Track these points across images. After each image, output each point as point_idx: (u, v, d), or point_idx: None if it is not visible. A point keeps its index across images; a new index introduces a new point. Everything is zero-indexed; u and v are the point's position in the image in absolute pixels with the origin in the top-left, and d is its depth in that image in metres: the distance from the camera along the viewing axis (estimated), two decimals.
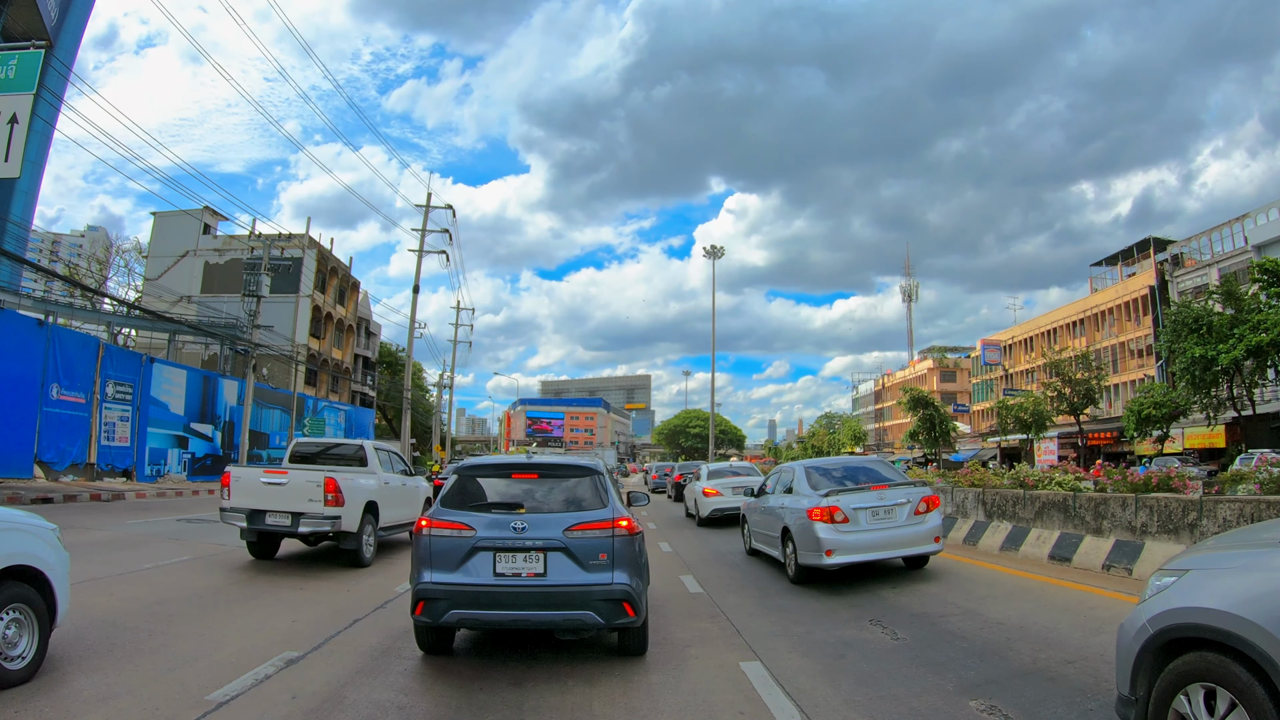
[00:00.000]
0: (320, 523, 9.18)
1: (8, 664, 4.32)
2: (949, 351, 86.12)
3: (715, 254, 53.43)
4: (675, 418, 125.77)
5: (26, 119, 13.02)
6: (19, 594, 4.43)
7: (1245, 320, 27.56)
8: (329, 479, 9.25)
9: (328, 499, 9.15)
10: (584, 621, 4.87)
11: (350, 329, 52.19)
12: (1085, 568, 8.65)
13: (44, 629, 4.62)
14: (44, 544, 4.74)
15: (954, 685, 4.61)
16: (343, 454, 11.35)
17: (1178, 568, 3.15)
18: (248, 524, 9.37)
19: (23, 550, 4.50)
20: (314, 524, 9.18)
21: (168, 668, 5.00)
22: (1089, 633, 5.70)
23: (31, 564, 4.54)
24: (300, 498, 9.20)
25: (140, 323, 32.49)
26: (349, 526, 9.37)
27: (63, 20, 26.21)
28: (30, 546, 4.61)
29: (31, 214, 25.81)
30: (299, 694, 4.51)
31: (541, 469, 5.53)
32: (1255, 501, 7.24)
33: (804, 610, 7.13)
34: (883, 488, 8.47)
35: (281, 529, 9.35)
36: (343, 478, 9.48)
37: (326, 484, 9.17)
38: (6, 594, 4.34)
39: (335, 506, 9.19)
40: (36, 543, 4.68)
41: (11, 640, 4.38)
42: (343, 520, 9.25)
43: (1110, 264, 54.56)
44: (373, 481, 10.36)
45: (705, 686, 4.76)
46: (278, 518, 9.27)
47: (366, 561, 9.72)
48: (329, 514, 9.18)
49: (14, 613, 4.43)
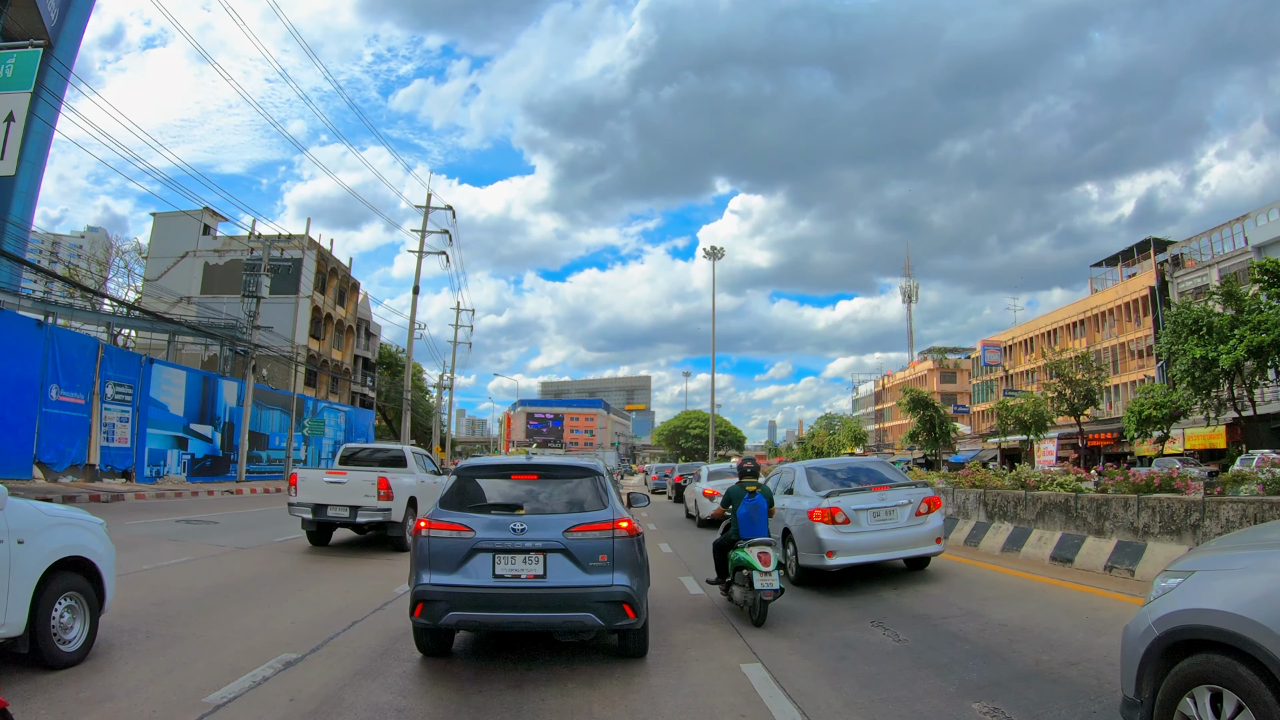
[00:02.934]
0: (374, 514, 10.86)
1: (63, 646, 4.84)
2: (949, 352, 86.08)
3: (715, 255, 53.46)
4: (675, 418, 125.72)
5: (23, 118, 13.00)
6: (73, 583, 4.93)
7: (1246, 321, 27.52)
8: (381, 478, 10.94)
9: (380, 494, 10.84)
10: (584, 623, 4.84)
11: (350, 330, 52.17)
12: (1087, 569, 8.62)
13: (94, 615, 5.14)
14: (94, 537, 5.27)
15: (956, 687, 4.58)
16: (386, 456, 12.92)
17: (1183, 569, 3.12)
18: (312, 515, 11.03)
19: (77, 543, 5.02)
20: (369, 515, 10.88)
21: (165, 669, 4.97)
22: (1092, 634, 5.67)
23: (84, 555, 5.05)
24: (357, 494, 10.90)
25: (140, 323, 32.46)
26: (396, 517, 10.95)
27: (63, 21, 26.18)
28: (83, 539, 5.13)
29: (31, 214, 25.76)
30: (297, 696, 4.48)
31: (541, 470, 5.49)
32: (1258, 502, 7.21)
33: (805, 611, 7.10)
34: (884, 488, 8.44)
35: (341, 520, 11.06)
36: (391, 476, 11.11)
37: (380, 482, 10.86)
38: (62, 583, 4.82)
39: (386, 501, 10.88)
40: (88, 536, 5.22)
41: (66, 625, 4.90)
42: (392, 512, 10.88)
43: (1110, 264, 54.53)
44: (412, 480, 11.90)
45: (706, 688, 4.73)
46: (338, 510, 10.96)
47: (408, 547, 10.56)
48: (381, 507, 10.85)
49: (69, 600, 4.92)
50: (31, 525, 4.73)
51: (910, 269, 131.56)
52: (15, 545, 4.51)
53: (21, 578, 4.52)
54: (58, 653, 4.78)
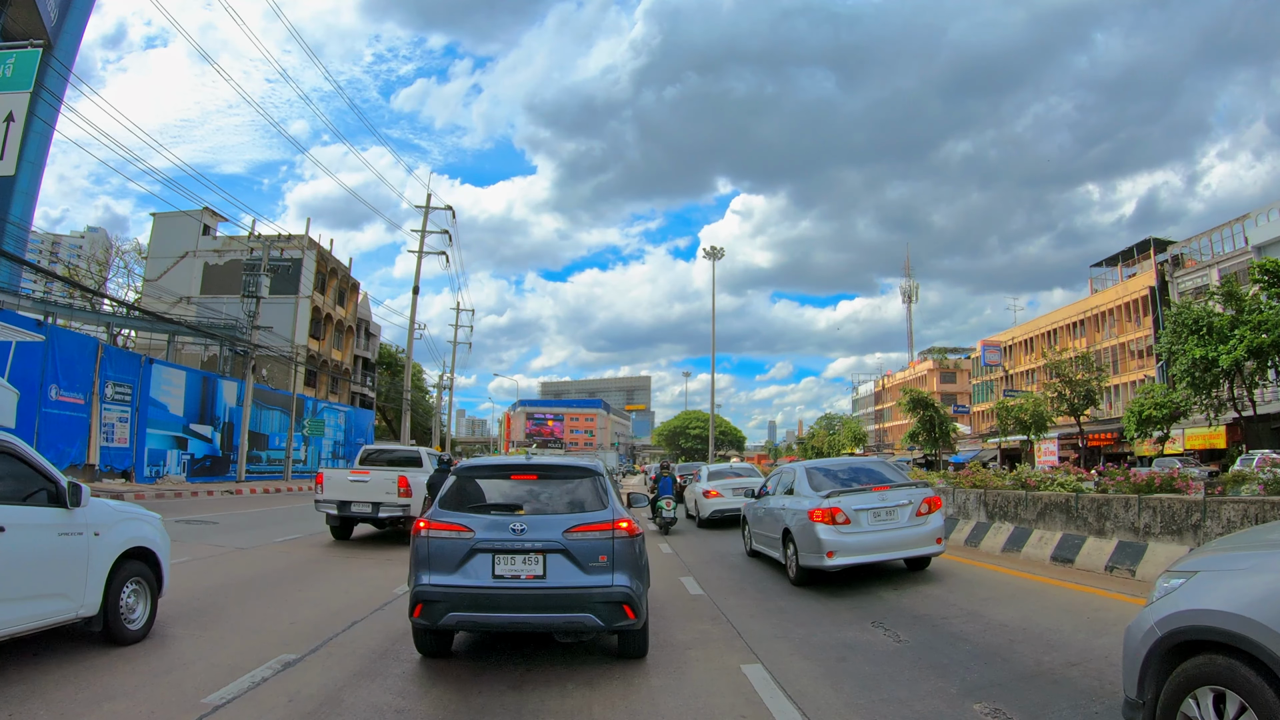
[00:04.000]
0: (394, 509, 11.79)
1: (130, 625, 5.55)
2: (949, 352, 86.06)
3: (715, 255, 53.43)
4: (675, 419, 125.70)
5: (23, 117, 13.00)
6: (137, 570, 5.68)
7: (1246, 321, 27.50)
8: (401, 476, 11.90)
9: (400, 492, 11.80)
10: (584, 624, 4.82)
11: (350, 330, 52.14)
12: (1088, 569, 8.61)
13: (154, 597, 5.86)
14: (154, 529, 5.99)
15: (957, 688, 4.57)
16: (403, 457, 13.91)
17: (1185, 569, 3.11)
18: (338, 511, 12.00)
19: (140, 535, 5.75)
20: (390, 510, 11.80)
21: (164, 669, 4.96)
22: (1093, 635, 5.65)
23: (147, 545, 5.78)
24: (379, 491, 11.87)
25: (140, 323, 32.45)
26: (415, 513, 11.59)
27: (62, 21, 26.18)
28: (145, 531, 5.85)
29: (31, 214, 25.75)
30: (295, 697, 4.46)
31: (540, 470, 5.47)
32: (1260, 502, 7.20)
33: (805, 612, 7.08)
34: (884, 489, 8.42)
35: (364, 515, 12.00)
36: (410, 475, 12.03)
37: (400, 480, 11.84)
38: (129, 570, 5.56)
39: (406, 498, 11.78)
40: (149, 528, 5.93)
41: (131, 606, 5.61)
42: (410, 508, 11.69)
43: (1110, 265, 54.51)
44: (426, 478, 12.47)
45: (706, 689, 4.72)
46: (361, 507, 11.92)
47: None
48: (402, 503, 11.76)
49: (134, 584, 5.64)
50: (105, 520, 5.43)
51: (910, 269, 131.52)
52: (93, 537, 5.24)
53: (98, 565, 5.25)
54: (125, 631, 5.49)
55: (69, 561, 5.03)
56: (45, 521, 4.92)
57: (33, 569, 4.76)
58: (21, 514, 4.75)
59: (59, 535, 4.99)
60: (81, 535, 5.14)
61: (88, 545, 5.18)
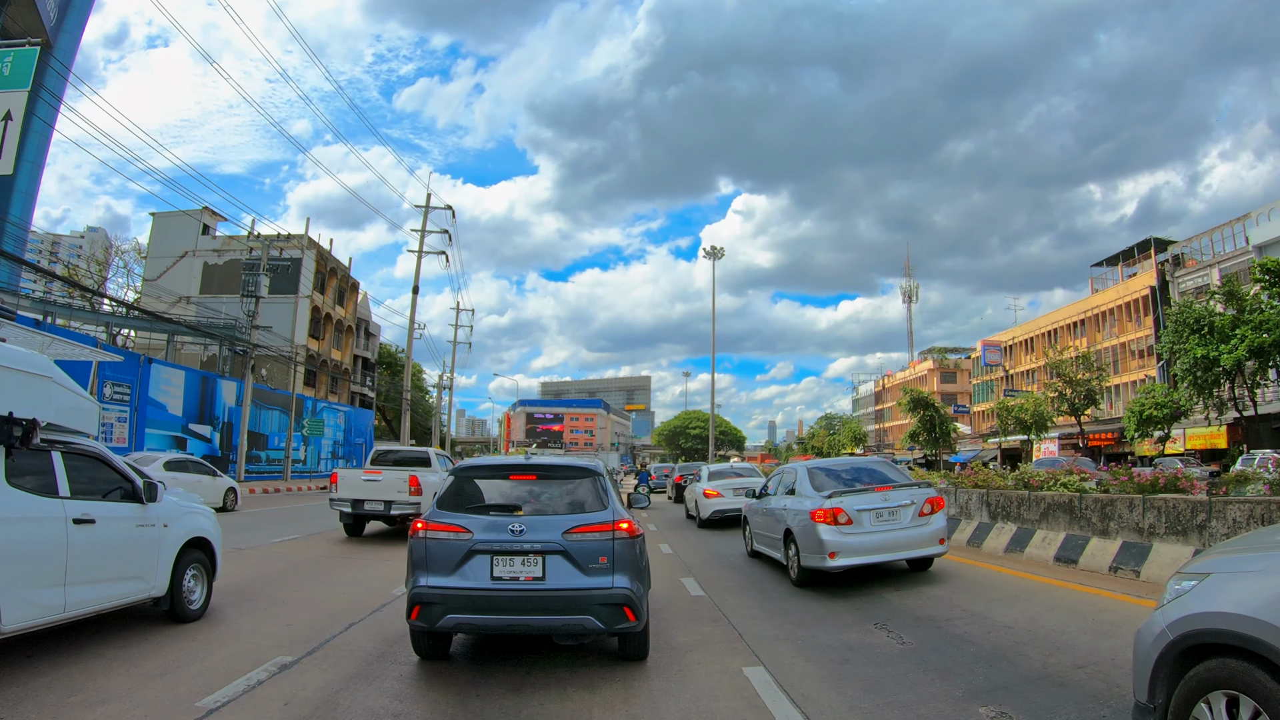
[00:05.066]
0: (406, 508, 12.29)
1: (190, 604, 6.40)
2: (949, 352, 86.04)
3: (715, 255, 53.35)
4: (675, 419, 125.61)
5: (20, 116, 12.94)
6: (197, 557, 6.54)
7: (1247, 320, 27.47)
8: (412, 476, 12.48)
9: (411, 491, 12.36)
10: (583, 626, 4.75)
11: (349, 330, 52.08)
12: (1092, 570, 8.55)
13: (210, 581, 6.75)
14: (210, 522, 6.86)
15: (962, 691, 4.51)
16: (412, 457, 14.51)
17: (1197, 571, 3.05)
18: (351, 509, 12.61)
19: (199, 526, 6.63)
20: (402, 508, 12.32)
21: (159, 672, 4.91)
22: (1099, 636, 5.59)
23: (204, 535, 6.65)
24: (391, 490, 12.44)
25: (139, 323, 32.40)
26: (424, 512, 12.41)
27: (62, 21, 26.16)
28: (202, 523, 6.70)
29: (30, 214, 25.70)
30: (291, 700, 4.40)
31: (540, 470, 5.41)
32: (1265, 502, 7.13)
33: (807, 613, 7.02)
34: (887, 489, 8.36)
35: (376, 513, 12.61)
36: (420, 474, 12.58)
37: (410, 480, 12.41)
38: (190, 557, 6.41)
39: (417, 496, 12.29)
40: (206, 521, 6.80)
41: (191, 588, 6.45)
42: (421, 506, 12.05)
43: (1111, 264, 54.47)
44: (436, 477, 13.04)
45: (708, 692, 4.66)
46: (374, 505, 12.51)
47: None
48: (413, 501, 12.27)
49: (194, 570, 6.49)
50: (172, 514, 6.27)
51: (910, 269, 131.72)
52: (162, 529, 6.09)
53: (166, 553, 6.12)
54: (187, 610, 6.34)
55: (144, 549, 5.88)
56: (126, 515, 5.74)
57: (117, 555, 5.58)
58: (109, 509, 5.55)
59: (137, 527, 5.82)
60: (154, 527, 5.98)
61: (159, 536, 6.04)
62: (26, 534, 4.77)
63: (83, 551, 5.15)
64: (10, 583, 4.56)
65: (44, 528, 4.91)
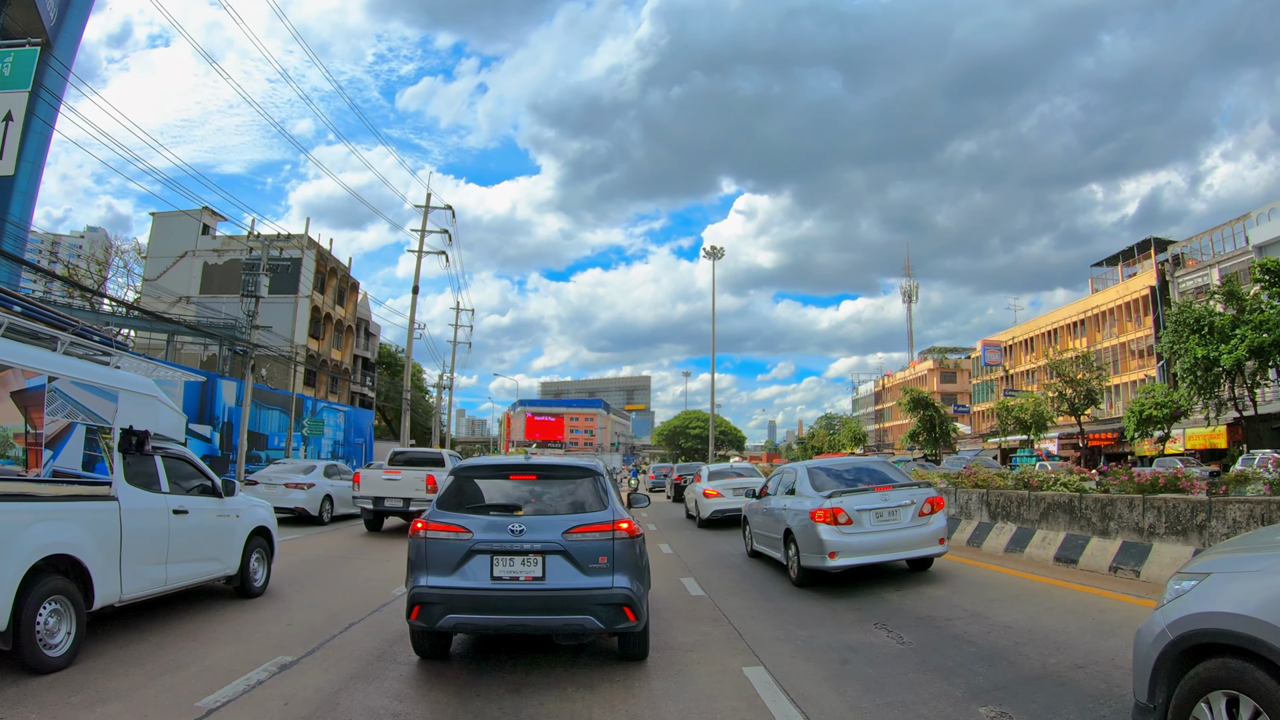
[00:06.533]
0: (422, 504, 12.99)
1: (255, 583, 7.62)
2: (949, 352, 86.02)
3: (715, 255, 53.31)
4: (675, 419, 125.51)
5: (21, 117, 12.93)
6: (260, 543, 7.78)
7: (1247, 320, 27.47)
8: (429, 475, 13.58)
9: (428, 489, 13.43)
10: (583, 626, 4.75)
11: (349, 330, 52.06)
12: (1092, 569, 8.54)
13: (269, 564, 8.05)
14: (269, 514, 8.20)
15: (962, 691, 4.50)
16: (427, 458, 15.54)
17: (1197, 571, 3.05)
18: (373, 506, 14.00)
19: (262, 518, 7.94)
20: (419, 505, 13.21)
21: (158, 672, 4.91)
22: (1099, 636, 5.59)
23: (266, 525, 7.99)
24: (409, 488, 13.68)
25: (139, 323, 32.36)
26: None
27: (62, 20, 26.10)
28: (264, 515, 8.03)
29: (30, 214, 25.65)
30: (291, 700, 4.40)
31: (540, 470, 5.41)
32: (1266, 502, 7.13)
33: (807, 613, 7.02)
34: (887, 489, 8.36)
35: (395, 509, 13.85)
36: (436, 474, 13.58)
37: (428, 479, 13.54)
38: (254, 543, 7.64)
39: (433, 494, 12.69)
40: (266, 513, 8.13)
41: (255, 569, 7.67)
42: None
43: (1111, 264, 54.44)
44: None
45: (708, 692, 4.66)
46: (394, 501, 13.84)
47: None
48: (428, 499, 12.71)
49: (258, 553, 7.72)
50: (242, 506, 7.59)
51: (910, 269, 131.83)
52: (235, 518, 7.34)
53: (238, 539, 7.35)
54: (252, 587, 7.57)
55: (222, 535, 7.10)
56: (210, 507, 6.94)
57: (203, 540, 6.75)
58: (197, 502, 6.73)
59: (217, 516, 7.03)
60: (229, 517, 7.24)
61: (233, 524, 7.28)
62: (141, 522, 5.84)
63: (179, 536, 6.31)
64: (130, 560, 5.65)
65: (153, 517, 6.02)
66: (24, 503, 4.88)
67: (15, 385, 4.89)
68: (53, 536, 4.94)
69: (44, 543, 4.84)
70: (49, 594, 4.80)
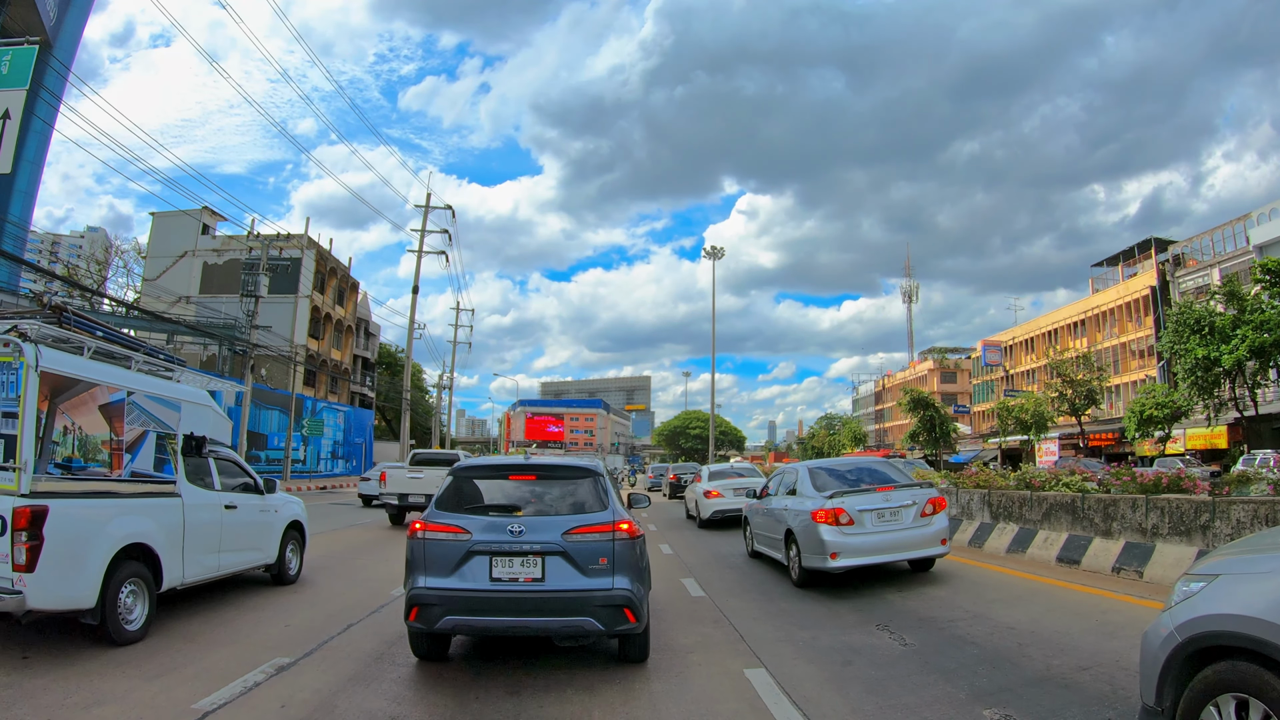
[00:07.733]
0: None
1: (289, 571, 8.42)
2: (950, 352, 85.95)
3: (716, 254, 53.29)
4: (675, 419, 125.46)
5: (19, 115, 12.90)
6: (294, 536, 8.56)
7: (1248, 320, 27.44)
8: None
9: None
10: (583, 628, 4.71)
11: (349, 330, 52.02)
12: (1094, 570, 8.51)
13: (302, 555, 8.84)
14: (302, 509, 8.90)
15: (965, 693, 4.47)
16: (445, 458, 16.57)
17: (1205, 573, 3.01)
18: (398, 502, 15.69)
19: (297, 513, 8.68)
20: None
21: (155, 674, 4.87)
22: (1103, 637, 5.55)
23: (300, 519, 8.74)
24: (431, 485, 14.49)
25: (138, 323, 32.30)
26: None
27: (62, 19, 26.06)
28: (298, 510, 8.77)
29: (30, 214, 25.61)
30: (289, 702, 4.37)
31: (539, 470, 5.36)
32: (1270, 502, 7.09)
33: (808, 614, 6.98)
34: (888, 489, 8.32)
35: (419, 505, 14.93)
36: None
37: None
38: (289, 536, 8.39)
39: None
40: (300, 509, 8.83)
41: (290, 559, 8.44)
42: None
43: (1111, 264, 54.41)
44: None
45: (709, 694, 4.62)
46: (417, 498, 15.38)
47: None
48: None
49: (292, 545, 8.50)
50: (280, 502, 8.31)
51: (911, 269, 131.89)
52: (274, 513, 8.11)
53: (277, 531, 8.13)
54: (287, 575, 8.33)
55: (264, 528, 7.90)
56: (253, 503, 7.71)
57: (248, 532, 7.56)
58: (244, 498, 7.54)
59: (260, 511, 7.80)
60: (269, 512, 8.00)
61: (272, 519, 8.05)
62: (200, 516, 6.65)
63: (229, 528, 7.13)
64: (191, 548, 6.46)
65: (209, 512, 6.83)
66: (110, 499, 5.72)
67: (102, 400, 5.73)
68: (131, 528, 5.73)
69: (125, 533, 5.64)
70: (128, 577, 5.59)
